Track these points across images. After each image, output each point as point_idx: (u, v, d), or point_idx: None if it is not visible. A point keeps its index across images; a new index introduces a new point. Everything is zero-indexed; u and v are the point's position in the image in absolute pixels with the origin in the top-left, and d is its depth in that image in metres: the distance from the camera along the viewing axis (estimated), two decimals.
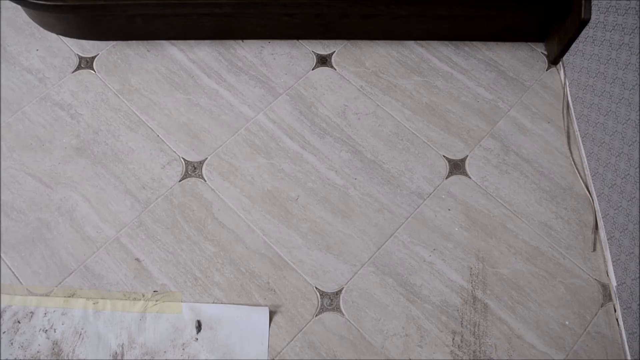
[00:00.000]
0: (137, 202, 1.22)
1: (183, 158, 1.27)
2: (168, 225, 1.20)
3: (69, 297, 1.13)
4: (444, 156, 1.29)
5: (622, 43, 1.15)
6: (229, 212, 1.21)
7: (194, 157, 1.27)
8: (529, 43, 1.46)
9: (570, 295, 1.15)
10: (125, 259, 1.16)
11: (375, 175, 1.26)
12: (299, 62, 1.41)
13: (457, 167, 1.28)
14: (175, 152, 1.28)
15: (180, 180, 1.24)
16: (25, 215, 1.20)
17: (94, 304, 1.12)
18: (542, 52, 1.45)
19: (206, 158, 1.27)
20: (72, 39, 1.43)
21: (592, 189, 1.25)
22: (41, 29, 1.44)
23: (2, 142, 1.28)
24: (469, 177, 1.27)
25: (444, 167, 1.28)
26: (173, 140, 1.29)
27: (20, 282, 1.14)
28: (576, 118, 1.34)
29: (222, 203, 1.22)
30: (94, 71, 1.38)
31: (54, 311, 1.12)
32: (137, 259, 1.16)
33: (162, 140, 1.29)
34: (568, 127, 1.34)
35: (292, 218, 1.21)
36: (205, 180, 1.24)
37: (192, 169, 1.26)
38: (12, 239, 1.18)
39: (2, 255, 1.16)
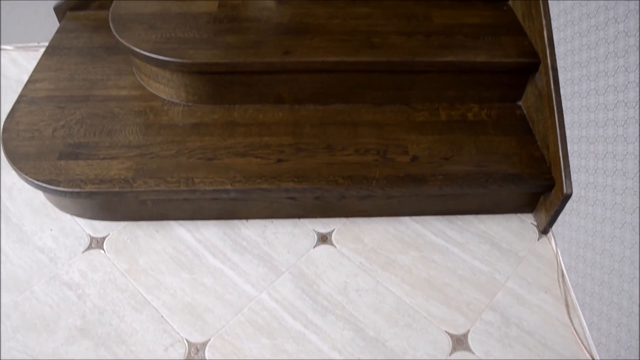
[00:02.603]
0: None
1: (186, 339, 1.27)
2: None
3: None
4: (445, 331, 1.29)
5: (605, 217, 1.22)
6: None
7: (197, 339, 1.27)
8: (518, 214, 1.54)
9: None
10: None
11: (378, 354, 1.25)
12: (300, 241, 1.47)
13: (459, 342, 1.28)
14: (178, 332, 1.28)
15: None
16: None
17: None
18: (531, 223, 1.52)
19: (209, 339, 1.27)
20: (85, 219, 1.51)
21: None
22: (57, 209, 1.53)
23: (8, 322, 1.29)
24: (473, 353, 1.26)
25: (447, 343, 1.27)
26: (177, 321, 1.30)
27: None
28: (572, 287, 1.36)
29: None
30: (104, 251, 1.44)
31: None
32: None
33: (166, 320, 1.30)
34: (566, 296, 1.37)
35: None
36: None
37: (195, 351, 1.25)
38: None
39: None
